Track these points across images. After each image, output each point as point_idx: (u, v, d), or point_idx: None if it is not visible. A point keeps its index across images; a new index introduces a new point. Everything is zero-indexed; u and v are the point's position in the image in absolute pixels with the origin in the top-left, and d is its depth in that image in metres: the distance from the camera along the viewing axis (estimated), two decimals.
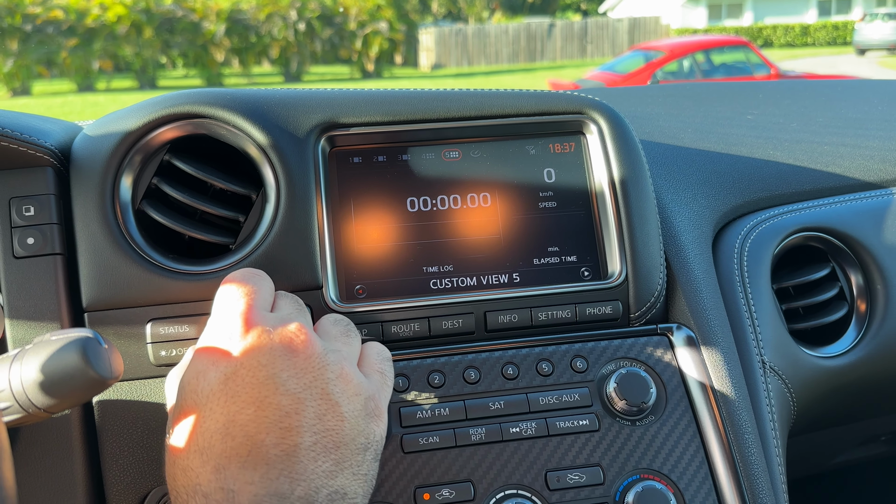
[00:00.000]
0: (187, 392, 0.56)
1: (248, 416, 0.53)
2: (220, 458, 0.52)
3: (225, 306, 0.61)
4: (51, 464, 0.69)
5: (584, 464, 0.70)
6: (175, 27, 20.85)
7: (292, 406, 0.54)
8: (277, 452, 0.52)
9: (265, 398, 0.54)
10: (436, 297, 0.76)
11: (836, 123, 1.19)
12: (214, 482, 0.51)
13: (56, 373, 0.51)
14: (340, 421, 0.56)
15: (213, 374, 0.56)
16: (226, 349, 0.57)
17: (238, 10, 21.55)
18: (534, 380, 0.74)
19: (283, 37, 21.52)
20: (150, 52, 20.85)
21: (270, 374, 0.55)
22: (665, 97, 1.34)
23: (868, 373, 0.92)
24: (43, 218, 0.71)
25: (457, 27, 25.56)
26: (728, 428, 0.73)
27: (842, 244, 0.94)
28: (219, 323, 0.60)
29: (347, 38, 22.22)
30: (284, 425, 0.53)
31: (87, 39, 19.79)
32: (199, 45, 21.16)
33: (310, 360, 0.57)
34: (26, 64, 19.34)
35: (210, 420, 0.54)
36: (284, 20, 21.45)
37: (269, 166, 0.74)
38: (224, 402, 0.54)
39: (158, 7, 20.73)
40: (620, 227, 0.78)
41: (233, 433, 0.53)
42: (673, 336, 0.77)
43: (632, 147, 0.80)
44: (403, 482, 0.68)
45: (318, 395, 0.56)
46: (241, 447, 0.52)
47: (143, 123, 0.73)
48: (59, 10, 19.35)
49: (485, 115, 0.80)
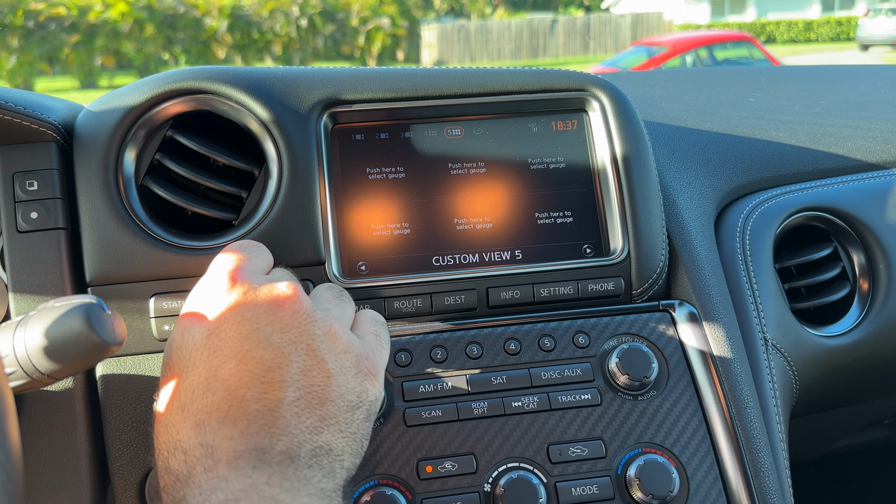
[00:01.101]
0: (173, 349, 0.56)
1: (229, 371, 0.53)
2: (200, 413, 0.52)
3: (214, 267, 0.61)
4: (55, 437, 0.69)
5: (585, 437, 0.70)
6: (177, 23, 20.86)
7: (275, 361, 0.53)
8: (258, 407, 0.52)
9: (247, 352, 0.53)
10: (438, 273, 0.76)
11: (839, 106, 1.18)
12: (194, 437, 0.51)
13: (60, 338, 0.51)
14: (326, 377, 0.55)
15: (197, 330, 0.55)
16: (211, 305, 0.56)
17: (240, 6, 21.55)
18: (536, 355, 0.74)
19: (285, 33, 21.52)
20: (153, 49, 20.85)
21: (254, 329, 0.54)
22: (667, 81, 1.34)
23: (870, 352, 0.92)
24: (46, 192, 0.71)
25: (459, 23, 25.53)
26: (730, 403, 0.73)
27: (844, 224, 0.94)
28: (206, 281, 0.59)
29: (349, 35, 22.22)
30: (266, 380, 0.53)
31: (89, 36, 19.80)
32: (201, 42, 21.16)
33: (296, 315, 0.56)
34: (29, 60, 19.36)
35: (192, 375, 0.53)
36: (287, 16, 21.45)
37: (271, 142, 0.75)
38: (207, 357, 0.54)
39: (161, 3, 20.74)
40: (623, 203, 0.78)
41: (214, 388, 0.52)
42: (675, 312, 0.77)
43: (634, 124, 0.80)
44: (406, 455, 0.69)
45: (303, 351, 0.55)
46: (221, 402, 0.52)
47: (147, 99, 0.73)
48: (62, 6, 19.37)
49: (487, 93, 0.80)
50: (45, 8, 19.31)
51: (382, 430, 0.69)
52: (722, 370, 0.75)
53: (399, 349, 0.73)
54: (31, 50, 19.26)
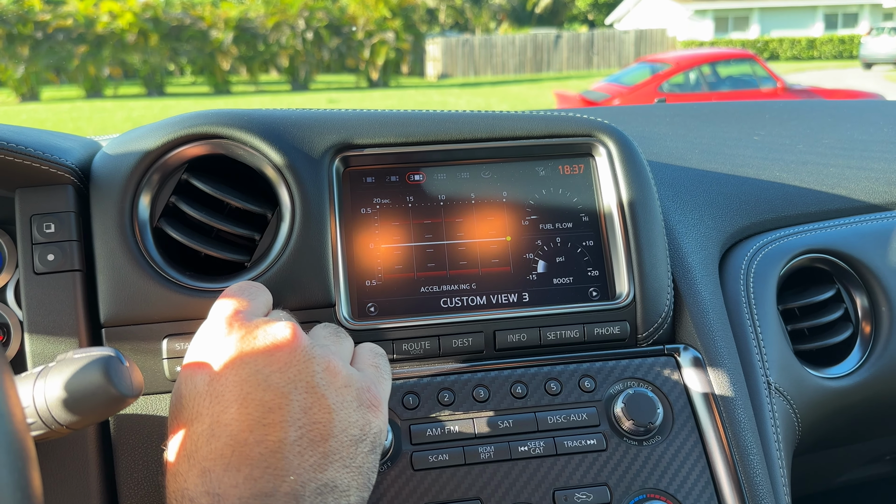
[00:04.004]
0: (177, 398, 0.56)
1: (231, 416, 0.53)
2: (205, 460, 0.52)
3: (214, 313, 0.61)
4: (67, 476, 0.70)
5: (591, 483, 0.71)
6: (183, 35, 20.99)
7: (275, 401, 0.53)
8: (261, 450, 0.52)
9: (248, 395, 0.53)
10: (446, 315, 0.77)
11: (842, 145, 1.20)
12: (200, 486, 0.51)
13: (79, 390, 0.52)
14: (328, 413, 0.55)
15: (199, 377, 0.56)
16: (211, 351, 0.57)
17: (246, 18, 21.70)
18: (542, 399, 0.75)
19: (290, 45, 21.64)
20: (158, 60, 20.98)
21: (253, 371, 0.54)
22: (672, 117, 1.35)
23: (872, 394, 0.92)
24: (63, 235, 0.72)
25: (463, 37, 25.66)
26: (733, 448, 0.74)
27: (847, 266, 0.95)
28: (206, 328, 0.60)
29: (355, 48, 22.34)
30: (267, 421, 0.53)
31: (96, 46, 19.93)
32: (206, 53, 21.29)
33: (294, 353, 0.56)
34: (36, 70, 19.48)
35: (197, 423, 0.54)
36: (292, 29, 21.59)
37: (285, 186, 0.76)
38: (209, 403, 0.54)
39: (167, 15, 20.88)
40: (629, 248, 0.79)
41: (217, 434, 0.52)
42: (680, 357, 0.78)
43: (640, 170, 0.82)
44: (413, 499, 0.69)
45: (303, 389, 0.55)
46: (224, 448, 0.52)
47: (162, 143, 0.74)
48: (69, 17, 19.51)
49: (495, 137, 0.81)
50: (53, 18, 19.45)
51: (390, 473, 0.70)
52: (725, 415, 0.75)
53: (407, 392, 0.74)
54: (39, 60, 19.39)
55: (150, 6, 20.83)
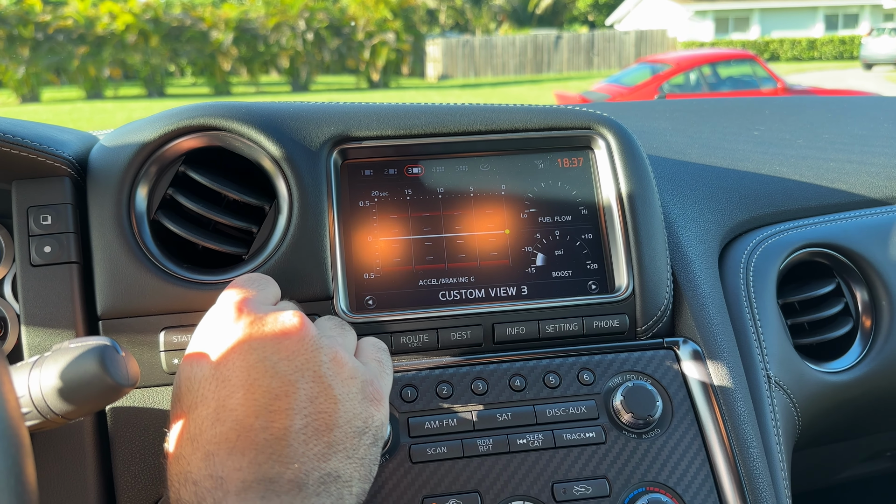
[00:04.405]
0: (182, 381, 0.56)
1: (237, 401, 0.53)
2: (209, 444, 0.52)
3: (222, 299, 0.61)
4: (63, 469, 0.70)
5: (590, 476, 0.71)
6: (183, 36, 21.00)
7: (282, 389, 0.54)
8: (266, 436, 0.52)
9: (255, 381, 0.54)
10: (445, 308, 0.77)
11: (842, 140, 1.19)
12: (204, 469, 0.51)
13: (74, 380, 0.52)
14: (333, 403, 0.55)
15: (205, 362, 0.56)
16: (218, 336, 0.57)
17: (247, 19, 21.71)
18: (541, 392, 0.75)
19: (291, 46, 21.66)
20: (159, 61, 21.00)
21: (261, 358, 0.55)
22: (672, 112, 1.35)
23: (872, 388, 0.92)
24: (60, 227, 0.72)
25: (464, 38, 25.69)
26: (733, 441, 0.73)
27: (847, 260, 0.95)
28: (214, 313, 0.60)
29: (355, 49, 22.35)
30: (274, 408, 0.53)
31: (96, 47, 19.95)
32: (207, 54, 21.31)
33: (302, 342, 0.56)
34: (36, 71, 19.50)
35: (202, 406, 0.54)
36: (293, 30, 21.60)
37: (282, 178, 0.76)
38: (215, 388, 0.54)
39: (167, 16, 20.90)
40: (628, 241, 0.79)
41: (222, 418, 0.53)
42: (679, 350, 0.78)
43: (639, 162, 0.81)
44: (411, 492, 0.69)
45: (310, 378, 0.55)
46: (230, 432, 0.52)
47: (160, 135, 0.74)
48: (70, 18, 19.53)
49: (494, 130, 0.81)
50: (53, 19, 19.47)
51: (388, 466, 0.70)
52: (725, 409, 0.75)
53: (405, 384, 0.74)
54: (40, 61, 19.40)
55: (150, 7, 20.86)
